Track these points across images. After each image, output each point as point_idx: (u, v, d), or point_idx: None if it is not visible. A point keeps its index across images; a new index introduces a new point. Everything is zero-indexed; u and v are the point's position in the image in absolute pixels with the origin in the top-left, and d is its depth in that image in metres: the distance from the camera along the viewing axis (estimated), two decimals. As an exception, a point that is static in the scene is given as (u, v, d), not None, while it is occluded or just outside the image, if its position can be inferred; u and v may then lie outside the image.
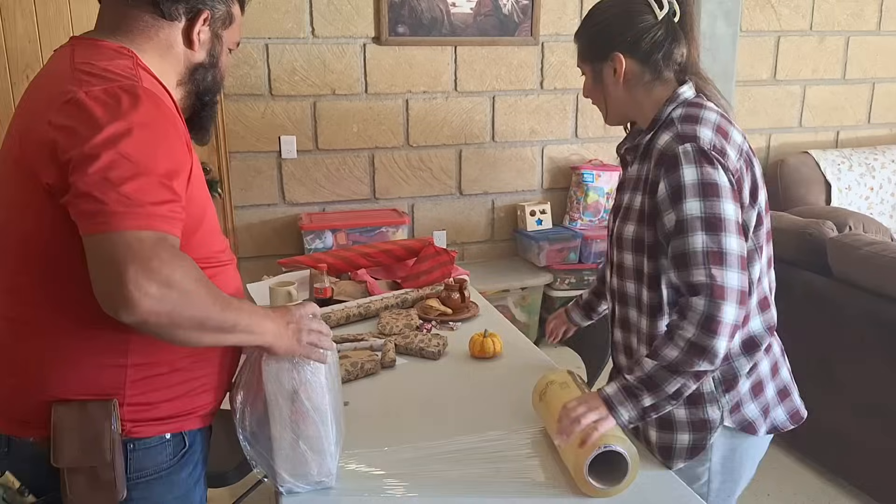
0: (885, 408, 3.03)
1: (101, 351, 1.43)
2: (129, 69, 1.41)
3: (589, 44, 1.81)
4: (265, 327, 1.48)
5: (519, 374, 2.25)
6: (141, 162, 1.29)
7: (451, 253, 3.09)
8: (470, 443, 1.88)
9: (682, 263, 1.62)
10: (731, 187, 1.62)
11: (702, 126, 1.66)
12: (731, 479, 1.85)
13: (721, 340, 1.58)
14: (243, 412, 1.62)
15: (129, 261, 1.23)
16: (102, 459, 1.42)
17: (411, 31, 4.50)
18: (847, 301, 3.18)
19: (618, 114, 1.86)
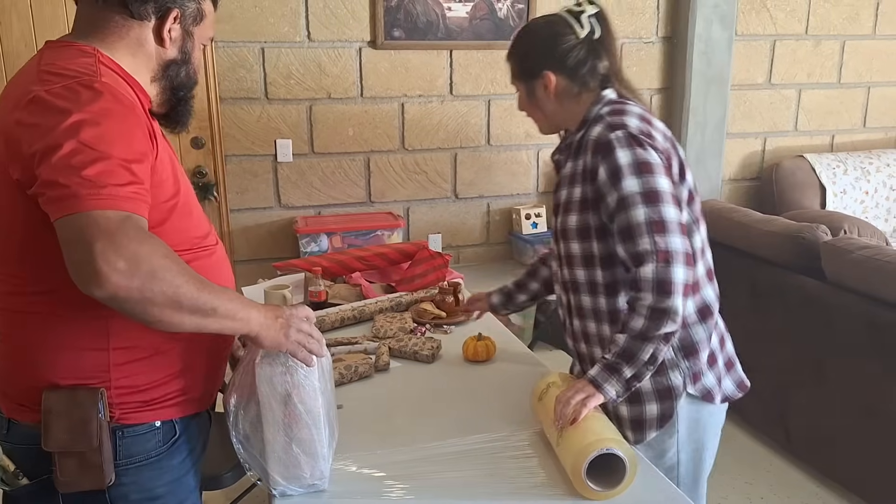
0: (879, 411, 3.03)
1: (83, 336, 1.49)
2: (89, 66, 1.45)
3: (520, 64, 1.99)
4: (250, 315, 1.48)
5: (513, 378, 2.26)
6: (100, 148, 1.32)
7: (446, 256, 3.09)
8: (465, 445, 1.89)
9: (627, 236, 1.78)
10: (662, 164, 1.80)
11: (628, 116, 1.86)
12: (697, 449, 2.00)
13: (677, 298, 1.73)
14: (237, 415, 1.62)
15: (97, 237, 1.27)
16: (89, 444, 1.47)
17: (407, 34, 4.50)
18: (840, 305, 3.18)
19: (551, 124, 2.04)
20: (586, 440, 1.67)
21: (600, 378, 1.77)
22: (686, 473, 2.01)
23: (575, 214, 1.92)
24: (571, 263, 1.98)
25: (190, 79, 1.67)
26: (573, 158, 1.95)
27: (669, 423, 1.94)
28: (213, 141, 4.36)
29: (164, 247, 1.35)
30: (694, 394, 1.94)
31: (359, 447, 1.87)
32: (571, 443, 1.70)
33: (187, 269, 1.38)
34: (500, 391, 2.18)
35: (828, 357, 3.26)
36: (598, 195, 1.84)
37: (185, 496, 1.67)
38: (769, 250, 3.49)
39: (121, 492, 1.55)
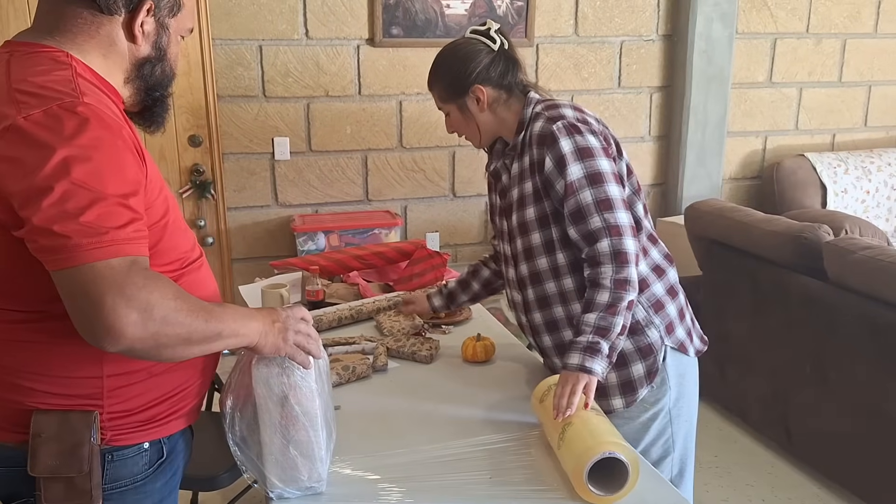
0: (880, 412, 3.01)
1: (76, 364, 1.41)
2: (67, 83, 1.33)
3: (447, 86, 2.09)
4: (250, 328, 1.46)
5: (511, 379, 2.24)
6: (95, 187, 1.24)
7: (444, 256, 3.07)
8: (464, 447, 1.86)
9: (579, 217, 1.93)
10: (601, 146, 1.95)
11: (563, 109, 2.01)
12: (685, 403, 2.14)
13: (632, 268, 1.89)
14: (233, 417, 1.60)
15: (105, 291, 1.21)
16: (80, 469, 1.40)
17: (405, 32, 4.48)
18: (842, 305, 3.15)
19: (486, 136, 2.15)
20: (588, 443, 1.64)
21: (585, 362, 1.83)
22: (678, 429, 2.13)
23: (531, 206, 2.03)
24: (532, 255, 2.07)
25: (166, 76, 1.54)
26: (518, 159, 2.07)
27: (657, 378, 2.07)
28: (210, 139, 4.33)
29: (171, 286, 1.31)
30: (672, 346, 2.08)
31: (356, 449, 1.84)
32: (573, 446, 1.67)
33: (193, 301, 1.34)
34: (500, 392, 2.16)
35: (829, 358, 3.23)
36: (547, 183, 1.97)
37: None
38: (771, 250, 3.46)
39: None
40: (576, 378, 1.80)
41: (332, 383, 2.15)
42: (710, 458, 3.53)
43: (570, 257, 2.01)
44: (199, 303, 1.35)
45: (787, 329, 3.42)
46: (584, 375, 1.81)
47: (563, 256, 2.02)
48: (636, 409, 2.08)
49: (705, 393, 2.30)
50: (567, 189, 1.93)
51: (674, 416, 2.11)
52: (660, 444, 2.11)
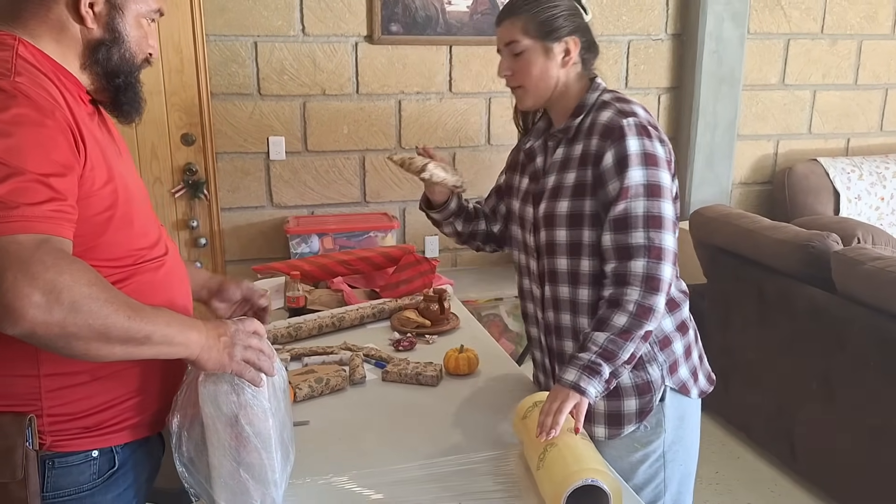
0: (887, 429, 2.92)
1: (10, 361, 1.36)
2: (4, 63, 1.31)
3: (543, 21, 1.87)
4: (188, 338, 1.37)
5: (494, 393, 2.15)
6: (12, 162, 1.21)
7: (433, 262, 2.97)
8: (439, 467, 1.77)
9: (621, 226, 1.77)
10: (666, 157, 1.81)
11: (635, 106, 1.86)
12: (682, 449, 2.00)
13: (662, 297, 1.76)
14: (180, 437, 1.50)
15: (6, 267, 1.16)
16: (13, 476, 1.34)
17: (405, 29, 4.41)
18: (851, 318, 3.05)
19: (542, 97, 1.94)
20: (570, 469, 1.55)
21: (581, 383, 1.72)
22: (672, 475, 2.00)
23: (566, 200, 1.88)
24: (553, 252, 1.93)
25: (126, 61, 1.48)
26: (567, 144, 1.91)
27: (652, 418, 1.93)
28: (203, 138, 4.25)
29: (89, 272, 1.24)
30: (673, 386, 1.93)
31: (322, 468, 1.75)
32: (553, 470, 1.58)
33: (116, 294, 1.27)
34: (481, 408, 2.07)
35: (837, 372, 3.14)
36: (598, 181, 1.82)
37: None
38: (777, 259, 3.36)
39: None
40: (566, 395, 1.71)
41: (303, 396, 2.06)
42: (711, 474, 3.44)
43: (594, 267, 1.87)
44: (125, 298, 1.28)
45: (794, 342, 3.32)
46: (576, 395, 1.71)
47: (587, 264, 1.87)
48: (626, 447, 1.95)
49: (707, 406, 2.22)
50: (621, 193, 1.76)
51: (668, 460, 1.97)
52: (650, 489, 1.98)
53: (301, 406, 2.03)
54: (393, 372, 2.25)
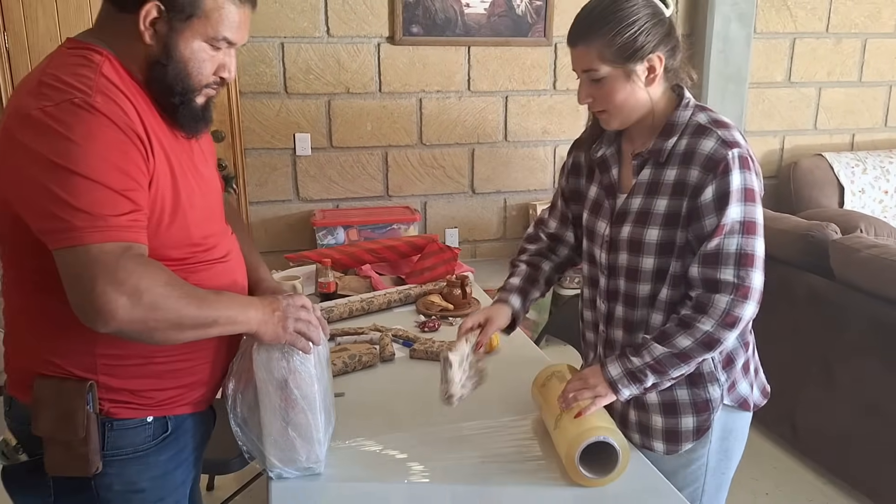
0: (885, 409, 3.05)
1: (73, 339, 1.49)
2: (87, 80, 1.39)
3: (625, 43, 1.67)
4: (248, 316, 1.52)
5: (514, 369, 2.28)
6: (95, 177, 1.32)
7: (455, 250, 3.13)
8: (464, 430, 1.93)
9: (711, 261, 1.67)
10: (760, 191, 1.70)
11: (735, 132, 1.71)
12: (725, 458, 1.93)
13: (733, 333, 1.68)
14: (235, 399, 1.67)
15: (97, 275, 1.30)
16: (75, 435, 1.48)
17: (425, 31, 4.55)
18: (848, 303, 3.19)
19: (628, 118, 1.79)
20: (581, 427, 1.71)
21: (620, 383, 1.75)
22: (711, 482, 1.94)
23: (658, 228, 1.75)
24: (635, 277, 1.81)
25: (181, 82, 1.49)
26: (657, 166, 1.76)
27: (706, 434, 1.87)
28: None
29: (164, 272, 1.39)
30: (730, 404, 1.87)
31: (358, 433, 1.91)
32: (567, 430, 1.73)
33: (187, 290, 1.42)
34: (502, 381, 2.19)
35: (835, 355, 3.27)
36: (694, 213, 1.70)
37: (168, 492, 1.67)
38: (778, 248, 3.49)
39: (105, 482, 1.56)
40: (603, 387, 1.77)
41: (338, 371, 2.22)
42: (717, 453, 3.55)
43: (672, 295, 1.78)
44: (193, 290, 1.43)
45: (794, 326, 3.46)
46: (610, 392, 1.76)
47: (666, 292, 1.79)
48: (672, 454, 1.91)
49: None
50: (717, 230, 1.65)
51: (710, 468, 1.91)
52: (686, 492, 1.89)
53: (336, 380, 2.17)
54: (420, 350, 2.42)
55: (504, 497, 1.69)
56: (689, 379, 1.81)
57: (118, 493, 1.57)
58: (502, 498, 1.69)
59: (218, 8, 1.48)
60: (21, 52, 4.11)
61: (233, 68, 1.57)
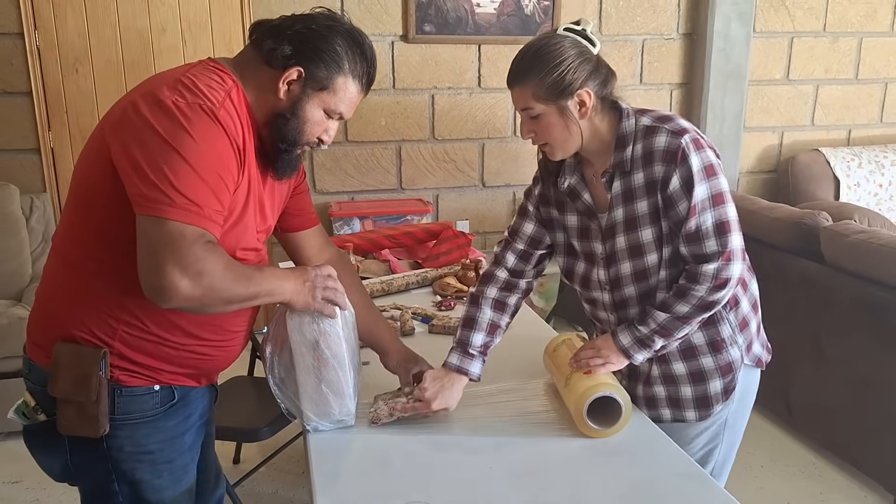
0: (872, 383, 3.22)
1: (100, 300, 1.63)
2: (217, 95, 1.58)
3: (551, 85, 1.82)
4: (284, 287, 1.70)
5: (525, 342, 2.43)
6: (198, 169, 1.50)
7: (469, 236, 3.31)
8: (479, 392, 2.09)
9: (694, 238, 1.83)
10: (718, 162, 1.84)
11: (678, 120, 1.87)
12: (741, 416, 2.10)
13: (727, 293, 1.85)
14: (272, 361, 1.85)
15: (168, 256, 1.45)
16: (88, 398, 1.61)
17: (437, 29, 4.69)
18: (838, 286, 3.36)
19: (571, 149, 1.92)
20: (590, 383, 1.89)
21: (631, 350, 1.93)
22: (728, 437, 2.09)
23: (648, 227, 1.90)
24: (645, 276, 1.95)
25: (294, 135, 1.71)
26: (622, 177, 1.91)
27: (732, 394, 2.02)
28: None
29: (224, 257, 1.54)
30: (749, 363, 2.03)
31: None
32: (576, 386, 1.91)
33: (240, 272, 1.58)
34: (514, 352, 2.35)
35: (826, 334, 3.44)
36: (668, 203, 1.84)
37: (176, 455, 1.78)
38: (773, 235, 3.66)
39: (116, 443, 1.68)
40: (614, 355, 1.94)
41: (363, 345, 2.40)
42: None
43: (671, 276, 1.92)
44: (243, 269, 1.60)
45: (788, 308, 3.61)
46: (623, 358, 1.94)
47: (665, 274, 1.93)
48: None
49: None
50: (690, 211, 1.81)
51: (727, 426, 2.06)
52: (705, 450, 2.08)
53: (362, 352, 2.23)
54: (438, 325, 2.61)
55: (517, 446, 1.86)
56: (711, 346, 1.97)
57: (129, 454, 1.71)
58: (516, 447, 1.86)
59: (345, 88, 1.72)
60: (51, 50, 4.27)
61: (332, 136, 1.79)
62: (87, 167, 1.64)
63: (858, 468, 3.41)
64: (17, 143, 4.32)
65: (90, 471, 1.73)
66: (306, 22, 1.70)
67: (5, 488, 3.32)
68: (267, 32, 1.69)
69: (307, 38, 1.67)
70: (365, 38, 1.77)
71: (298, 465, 3.51)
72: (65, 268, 1.67)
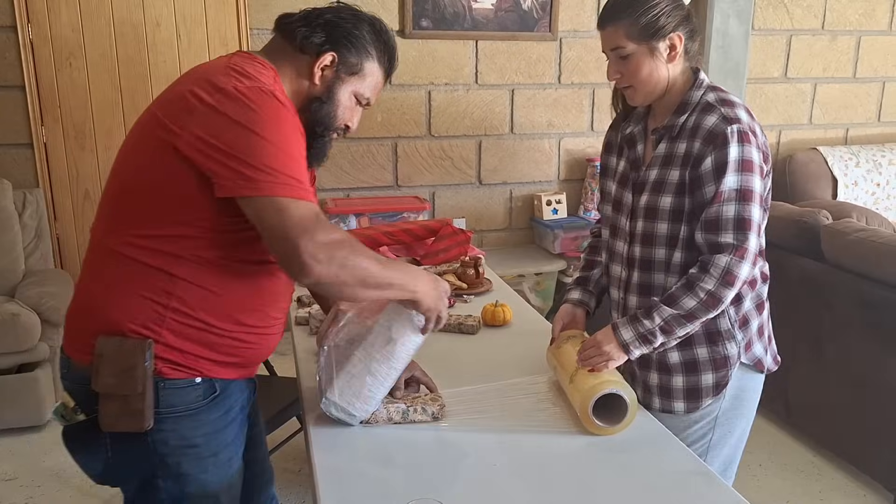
0: (871, 383, 3.21)
1: (150, 286, 1.63)
2: (270, 79, 1.66)
3: (646, 24, 1.86)
4: (417, 286, 1.75)
5: (527, 339, 2.45)
6: (280, 145, 1.55)
7: (468, 233, 3.29)
8: (483, 389, 2.09)
9: (712, 227, 1.85)
10: (759, 164, 1.86)
11: (739, 109, 1.88)
12: (735, 415, 2.06)
13: (732, 291, 1.84)
14: (346, 322, 1.87)
15: (300, 234, 1.51)
16: (133, 390, 1.60)
17: (434, 25, 4.68)
18: (837, 284, 3.35)
19: (651, 93, 1.95)
20: (595, 381, 1.88)
21: (633, 345, 1.91)
22: (718, 432, 2.06)
23: (670, 196, 1.92)
24: (650, 242, 1.98)
25: (329, 119, 1.78)
26: (670, 140, 1.94)
27: (724, 390, 2.01)
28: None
29: (347, 235, 1.60)
30: (746, 362, 2.01)
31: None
32: (581, 384, 1.90)
33: (368, 253, 1.63)
34: (516, 349, 2.37)
35: (824, 333, 3.43)
36: (696, 183, 1.87)
37: (220, 448, 1.77)
38: (773, 233, 3.63)
39: (161, 437, 1.67)
40: (615, 350, 1.92)
41: None
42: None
43: (686, 258, 1.94)
44: (373, 254, 1.65)
45: (787, 307, 3.59)
46: (623, 353, 1.92)
47: (679, 255, 1.95)
48: None
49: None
50: (715, 196, 1.83)
51: (718, 424, 2.04)
52: (697, 446, 2.04)
53: None
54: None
55: (522, 443, 1.85)
56: (707, 337, 1.98)
57: (174, 448, 1.69)
58: (520, 444, 1.84)
59: (373, 73, 1.82)
60: (44, 44, 4.25)
61: (357, 123, 1.88)
62: (136, 160, 1.67)
63: (857, 467, 3.40)
64: (10, 138, 4.29)
65: (133, 467, 1.72)
66: (334, 12, 1.79)
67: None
68: (298, 21, 1.76)
69: (338, 25, 1.76)
70: (386, 27, 1.86)
71: (296, 464, 3.48)
72: (113, 259, 1.66)
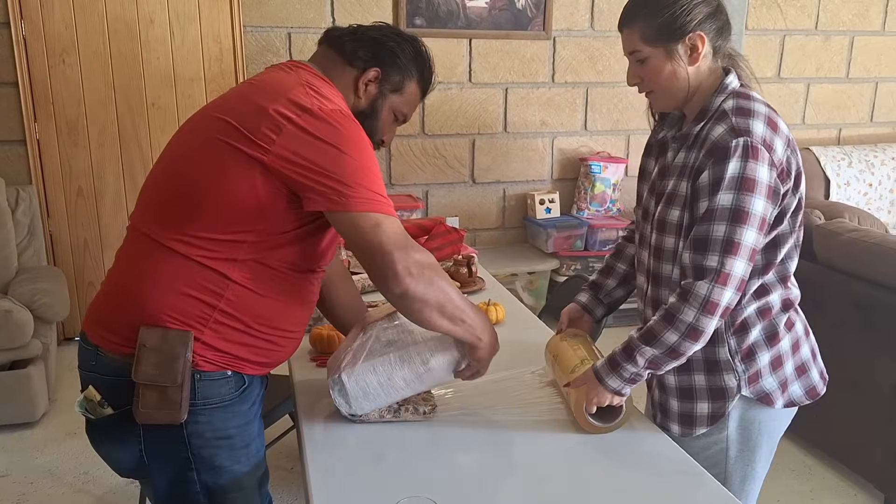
0: (862, 382, 3.21)
1: (204, 287, 1.66)
2: (340, 98, 1.74)
3: (662, 25, 1.73)
4: (485, 335, 1.82)
5: (520, 337, 2.44)
6: (367, 164, 1.63)
7: (461, 232, 3.29)
8: (478, 386, 2.06)
9: (700, 246, 1.69)
10: (768, 184, 1.67)
11: (754, 120, 1.70)
12: (748, 449, 1.93)
13: (714, 321, 1.70)
14: (396, 325, 1.89)
15: (395, 247, 1.59)
16: (174, 381, 1.62)
17: (428, 23, 4.68)
18: (830, 284, 3.35)
19: (676, 100, 1.83)
20: None
21: (623, 390, 1.82)
22: (734, 471, 1.94)
23: (678, 210, 1.80)
24: (661, 256, 1.87)
25: (370, 133, 1.79)
26: (685, 150, 1.81)
27: (721, 421, 1.89)
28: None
29: (430, 257, 1.67)
30: (749, 395, 1.86)
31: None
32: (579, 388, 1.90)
33: (450, 280, 1.70)
34: (509, 348, 2.27)
35: (818, 333, 3.40)
36: (694, 195, 1.74)
37: (251, 439, 1.81)
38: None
39: (197, 429, 1.69)
40: (611, 396, 1.83)
41: None
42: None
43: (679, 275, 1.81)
44: (452, 282, 1.73)
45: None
46: (619, 397, 1.84)
47: (677, 273, 1.82)
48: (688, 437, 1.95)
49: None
50: (705, 213, 1.69)
51: (731, 457, 1.92)
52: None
53: None
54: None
55: (515, 441, 1.85)
56: (706, 365, 1.87)
57: (208, 440, 1.72)
58: (513, 442, 1.85)
59: (412, 91, 1.90)
60: (37, 40, 4.25)
61: (390, 139, 1.96)
62: (202, 166, 1.66)
63: (848, 466, 3.41)
64: (3, 135, 4.29)
65: (167, 460, 1.73)
66: (378, 30, 1.86)
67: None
68: (346, 35, 1.84)
69: (382, 43, 1.83)
70: (426, 49, 1.92)
71: (289, 461, 3.48)
72: (161, 253, 1.67)
